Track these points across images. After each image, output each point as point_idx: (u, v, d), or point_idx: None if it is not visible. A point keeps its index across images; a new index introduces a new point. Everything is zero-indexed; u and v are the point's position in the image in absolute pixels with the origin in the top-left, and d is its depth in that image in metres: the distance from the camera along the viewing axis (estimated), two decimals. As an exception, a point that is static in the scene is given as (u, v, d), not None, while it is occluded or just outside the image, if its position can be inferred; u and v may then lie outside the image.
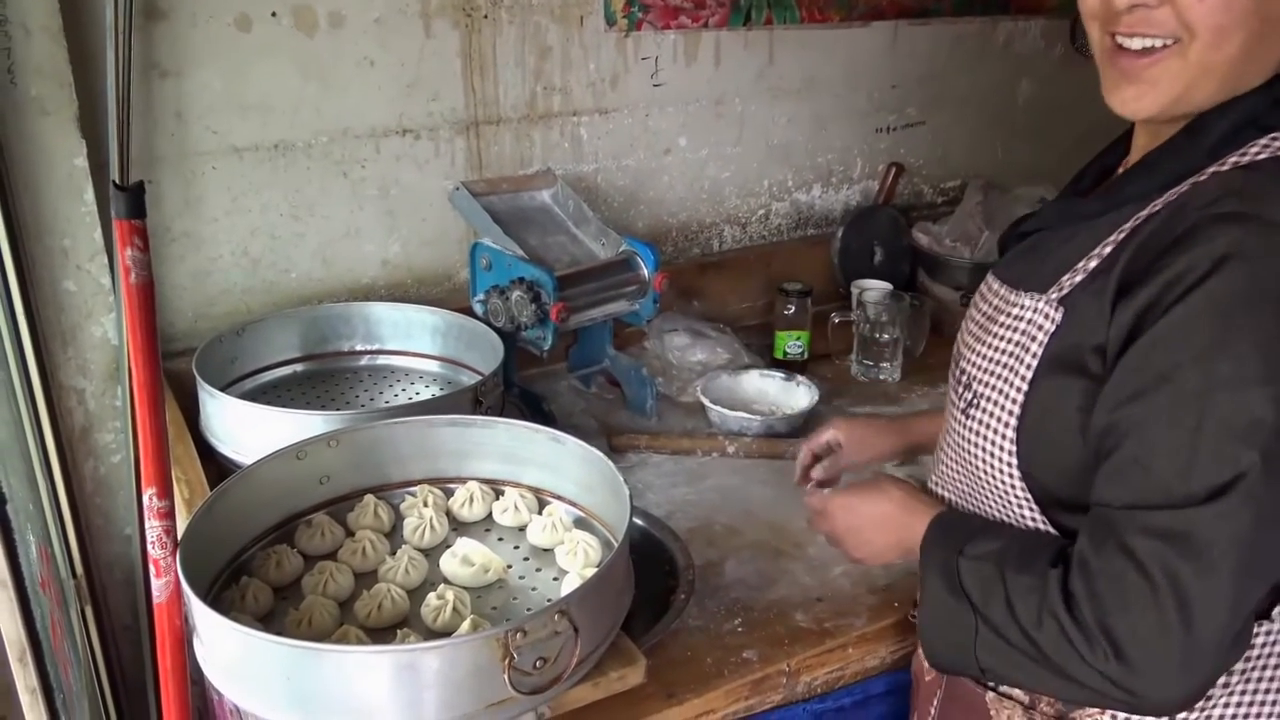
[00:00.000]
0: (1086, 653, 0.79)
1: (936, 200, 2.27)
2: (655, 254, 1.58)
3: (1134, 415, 0.80)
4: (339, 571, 1.06)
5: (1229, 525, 0.76)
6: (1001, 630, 0.84)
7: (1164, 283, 0.79)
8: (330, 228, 1.62)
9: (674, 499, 1.45)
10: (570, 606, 0.89)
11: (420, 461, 1.21)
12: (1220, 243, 0.77)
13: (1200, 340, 0.77)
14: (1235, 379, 0.76)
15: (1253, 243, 0.77)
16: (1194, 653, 0.77)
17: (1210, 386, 0.77)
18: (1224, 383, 0.76)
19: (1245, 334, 0.76)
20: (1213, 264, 0.77)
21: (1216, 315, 0.77)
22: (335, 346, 1.57)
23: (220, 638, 0.89)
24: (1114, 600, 0.78)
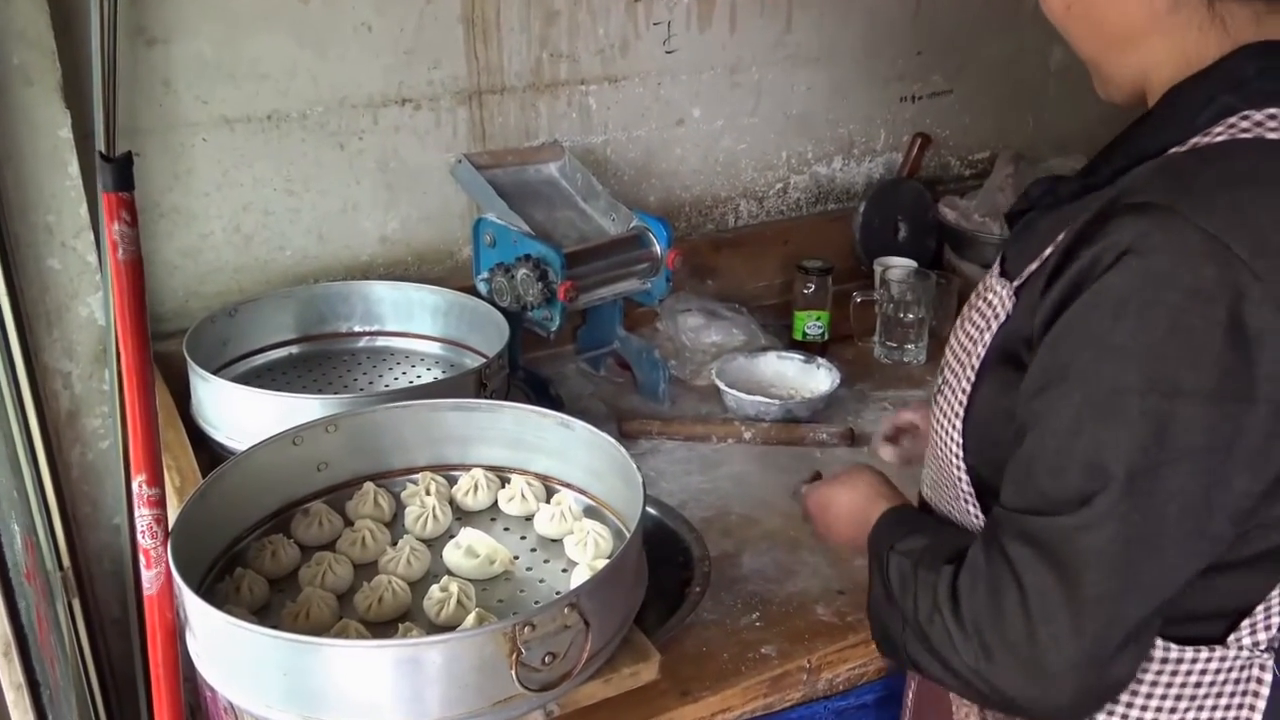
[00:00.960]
0: (964, 650, 0.82)
1: (964, 173, 2.25)
2: (668, 230, 1.57)
3: (1033, 411, 0.81)
4: (337, 563, 1.06)
5: (1092, 539, 0.77)
6: (910, 624, 0.88)
7: (1073, 274, 0.79)
8: (326, 203, 1.62)
9: (688, 487, 1.45)
10: (580, 599, 0.89)
11: (422, 447, 1.21)
12: (1126, 235, 0.76)
13: (1090, 339, 0.77)
14: (1113, 386, 0.76)
15: (1157, 238, 0.75)
16: (1057, 664, 0.78)
17: (1090, 391, 0.77)
18: (1102, 389, 0.76)
19: (1130, 337, 0.75)
20: (1114, 258, 0.76)
21: (1107, 314, 0.76)
22: (332, 327, 1.56)
23: (213, 631, 0.89)
24: (989, 603, 0.80)
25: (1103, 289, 0.77)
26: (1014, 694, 0.80)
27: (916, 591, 0.88)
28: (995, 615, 0.80)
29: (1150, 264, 0.75)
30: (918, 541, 0.93)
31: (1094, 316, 0.77)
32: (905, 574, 0.90)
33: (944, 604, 0.84)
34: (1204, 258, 0.74)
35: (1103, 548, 0.77)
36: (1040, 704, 0.80)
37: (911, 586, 0.89)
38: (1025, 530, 0.80)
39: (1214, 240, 0.74)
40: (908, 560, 0.91)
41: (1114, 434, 0.76)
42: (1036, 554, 0.79)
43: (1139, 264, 0.76)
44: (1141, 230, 0.76)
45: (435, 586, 1.01)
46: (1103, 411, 0.76)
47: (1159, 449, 0.75)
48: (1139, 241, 0.76)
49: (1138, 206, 0.77)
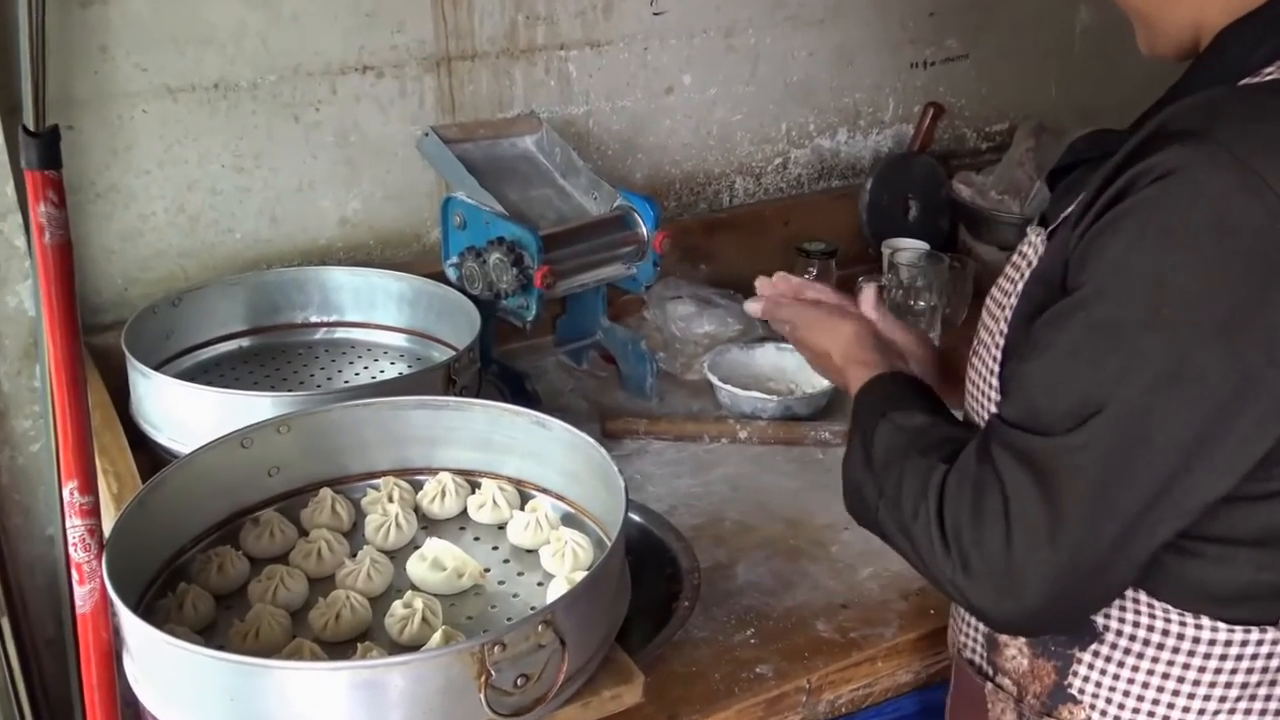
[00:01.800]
0: (940, 551, 0.86)
1: (981, 146, 2.25)
2: (655, 209, 1.57)
3: (1045, 325, 0.86)
4: (291, 576, 1.06)
5: (1077, 459, 0.81)
6: (889, 500, 0.92)
7: (1106, 201, 0.83)
8: (280, 181, 1.61)
9: (677, 492, 1.45)
10: (556, 615, 0.89)
11: (384, 450, 1.21)
12: (1159, 160, 0.79)
13: (1106, 263, 0.81)
14: (1120, 311, 0.80)
15: (1187, 163, 0.79)
16: (1030, 573, 0.82)
17: (1097, 314, 0.81)
18: (1109, 313, 0.80)
19: (1146, 263, 0.79)
20: (1146, 183, 0.80)
21: (1127, 237, 0.80)
22: (286, 318, 1.56)
23: (154, 653, 0.89)
24: (972, 507, 0.85)
25: (1126, 212, 0.80)
26: (985, 606, 0.85)
27: (903, 474, 0.91)
28: (975, 519, 0.84)
29: (1179, 188, 0.78)
30: (917, 419, 0.96)
31: (1114, 241, 0.80)
32: (895, 449, 0.94)
33: (931, 500, 0.88)
34: (1235, 187, 0.77)
35: (1085, 469, 0.81)
36: (1008, 613, 0.85)
37: (898, 466, 0.92)
38: (1015, 443, 0.84)
39: (1246, 169, 0.77)
40: (902, 436, 0.94)
41: (1113, 360, 0.80)
42: (1022, 467, 0.83)
43: (1167, 187, 0.78)
44: (1176, 155, 0.79)
45: (398, 603, 1.01)
46: (1105, 336, 0.80)
47: (1155, 381, 0.79)
48: (1172, 165, 0.78)
49: (1176, 134, 0.80)
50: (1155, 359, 0.79)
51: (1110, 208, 0.82)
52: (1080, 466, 0.81)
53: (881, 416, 0.97)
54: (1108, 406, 0.80)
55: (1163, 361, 0.79)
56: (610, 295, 1.70)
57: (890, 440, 0.95)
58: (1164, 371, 0.79)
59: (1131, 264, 0.79)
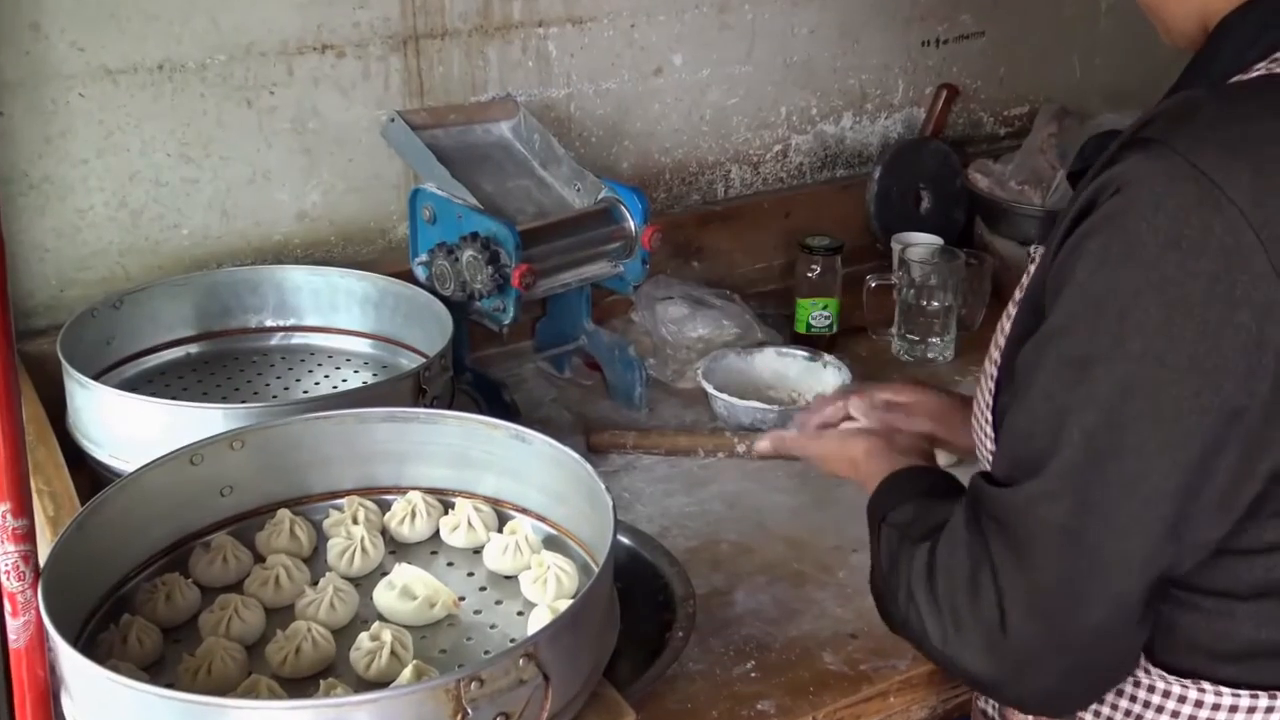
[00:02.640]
0: (933, 629, 0.88)
1: (998, 131, 2.26)
2: (644, 202, 1.58)
3: (1020, 368, 0.87)
4: (245, 607, 1.05)
5: (1044, 511, 0.82)
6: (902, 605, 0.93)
7: (1071, 217, 0.84)
8: (231, 171, 1.61)
9: (669, 511, 1.45)
10: (539, 648, 0.89)
11: (348, 467, 1.21)
12: (1117, 172, 0.81)
13: (1070, 290, 0.82)
14: (1085, 344, 0.81)
15: (1142, 176, 0.79)
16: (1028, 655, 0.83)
17: (1063, 349, 0.82)
18: (1074, 347, 0.81)
19: (1105, 288, 0.80)
20: (1107, 198, 0.81)
21: (1088, 261, 0.81)
22: (239, 322, 1.56)
23: (95, 692, 0.89)
24: (968, 581, 0.86)
25: (1089, 231, 0.81)
26: (1004, 690, 0.86)
27: (899, 570, 0.93)
28: (972, 595, 0.85)
29: (1133, 206, 0.79)
30: (907, 511, 0.98)
31: (1080, 264, 0.82)
32: (894, 551, 0.96)
33: (918, 585, 0.89)
34: (1194, 200, 0.77)
35: (1054, 521, 0.81)
36: (1026, 697, 0.86)
37: (897, 564, 0.94)
38: (994, 504, 0.85)
39: (1204, 180, 0.77)
40: (895, 534, 0.96)
41: (1077, 398, 0.81)
42: (998, 528, 0.84)
43: (1122, 206, 0.79)
44: (1132, 167, 0.80)
45: (364, 635, 1.01)
46: (1071, 371, 0.81)
47: (1120, 418, 0.79)
48: (1128, 179, 0.80)
49: (1136, 142, 0.81)
50: (1117, 396, 0.79)
51: (1077, 225, 0.83)
52: (1044, 519, 0.81)
53: (881, 522, 1.00)
54: (1063, 449, 0.81)
55: (1125, 399, 0.79)
56: (595, 296, 1.70)
57: (888, 544, 0.97)
58: (1128, 409, 0.79)
59: (1095, 291, 0.80)
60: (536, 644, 0.89)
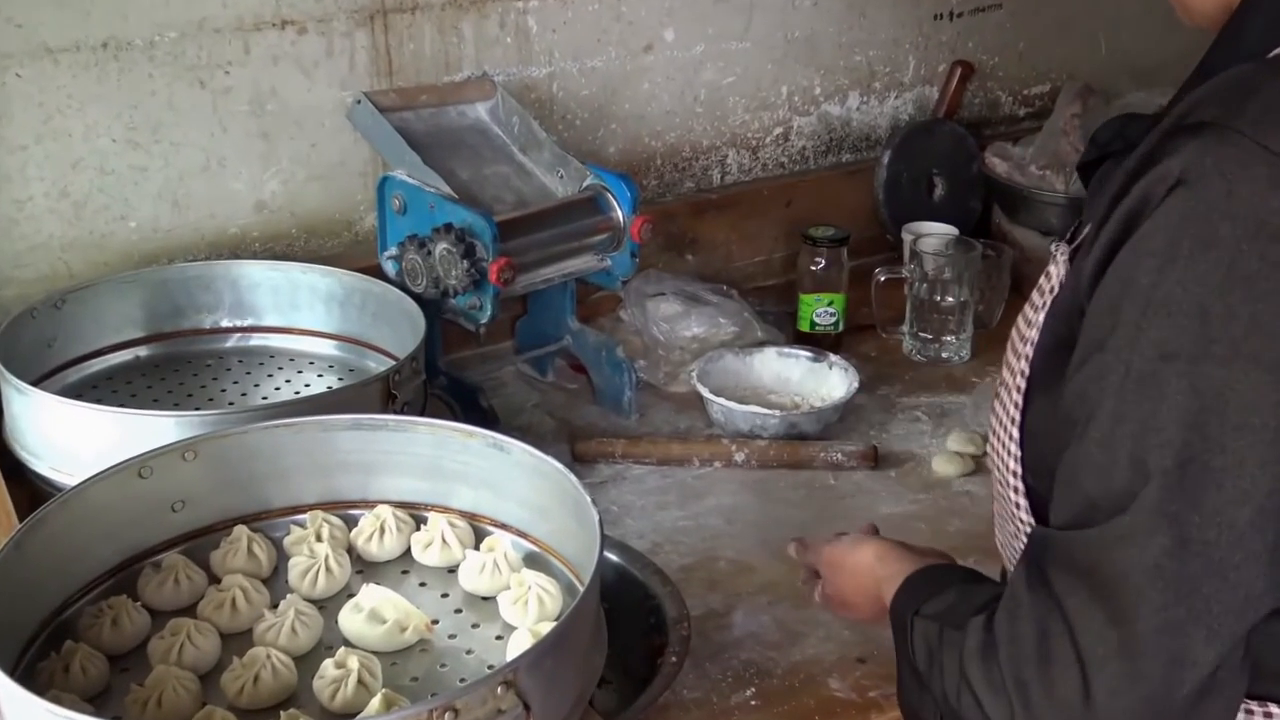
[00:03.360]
0: (996, 713, 0.82)
1: (1018, 112, 2.26)
2: (633, 190, 1.58)
3: (1075, 395, 0.84)
4: (199, 632, 1.05)
5: (1136, 553, 0.78)
6: (952, 698, 0.88)
7: (1120, 219, 0.82)
8: (183, 158, 1.61)
9: (662, 526, 1.45)
10: (519, 675, 0.89)
11: (311, 479, 1.21)
12: (1176, 163, 0.79)
13: (1133, 296, 0.80)
14: (1159, 353, 0.78)
15: (1210, 162, 0.78)
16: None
17: (1134, 362, 0.79)
18: (1147, 358, 0.79)
19: (1180, 288, 0.78)
20: (1164, 192, 0.79)
21: (1154, 262, 0.79)
22: (192, 322, 1.56)
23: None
24: (1037, 652, 0.81)
25: (1149, 231, 0.79)
26: None
27: (943, 662, 0.89)
28: (1043, 667, 0.80)
29: (1203, 195, 0.77)
30: (945, 599, 0.94)
31: (1139, 267, 0.80)
32: (931, 643, 0.91)
33: (972, 663, 0.85)
34: (1268, 183, 0.77)
35: (1151, 564, 0.77)
36: None
37: (939, 657, 0.90)
38: (1068, 553, 0.81)
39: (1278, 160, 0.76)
40: (933, 626, 0.92)
41: (1158, 415, 0.77)
42: (1079, 581, 0.80)
43: (1190, 197, 0.78)
44: (1194, 155, 0.78)
45: (329, 662, 1.01)
46: (1147, 387, 0.78)
47: (1214, 431, 0.76)
48: (1191, 168, 0.78)
49: (1190, 128, 0.80)
50: (1206, 408, 0.76)
51: (1127, 228, 0.81)
52: (1141, 563, 0.77)
53: (914, 615, 0.95)
54: (1149, 477, 0.77)
55: (1215, 410, 0.76)
56: (580, 292, 1.70)
57: (925, 640, 0.93)
58: (1221, 422, 0.76)
59: (1165, 294, 0.78)
60: (516, 670, 0.89)
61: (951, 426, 1.64)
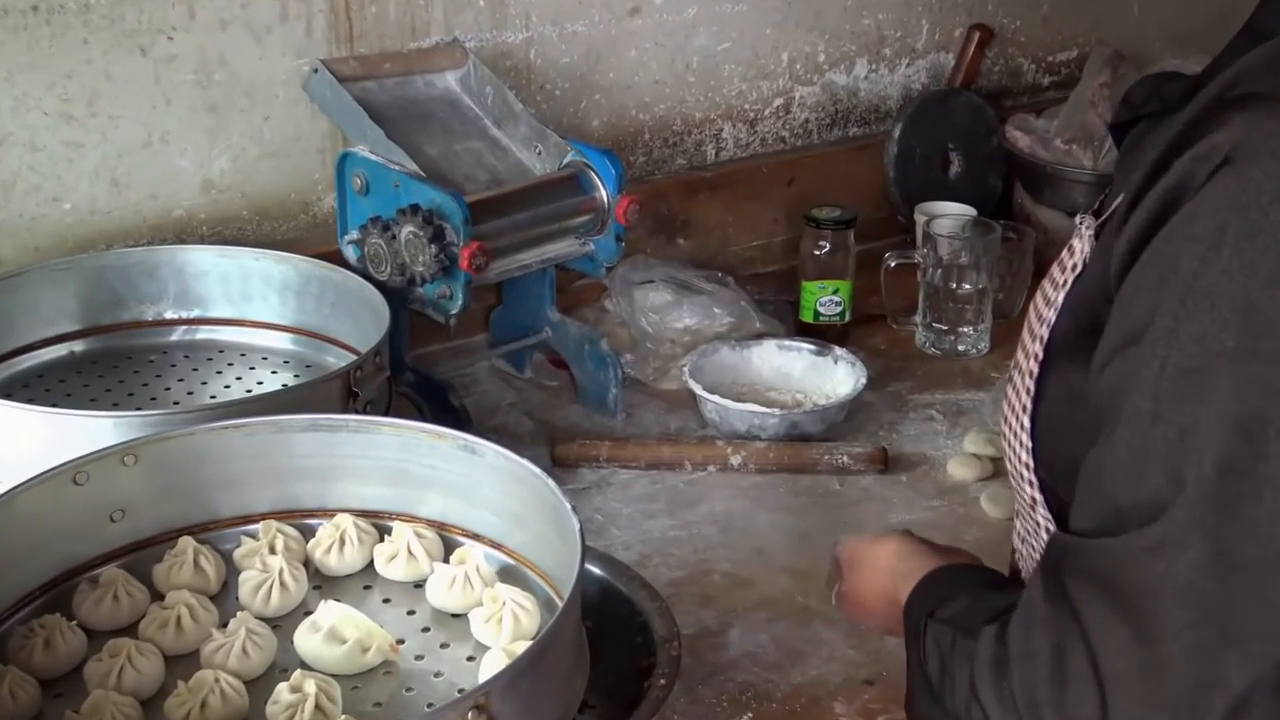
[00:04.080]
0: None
1: (1042, 81, 2.27)
2: (618, 167, 1.58)
3: (1104, 389, 0.84)
4: (141, 653, 1.05)
5: (1167, 566, 0.77)
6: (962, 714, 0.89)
7: (1158, 196, 0.81)
8: (122, 133, 1.61)
9: (650, 536, 1.45)
10: (491, 699, 0.89)
11: (264, 486, 1.20)
12: (1223, 139, 0.78)
13: (1173, 284, 0.79)
14: (1201, 348, 0.77)
15: (1260, 140, 0.77)
16: None
17: (1172, 357, 0.78)
18: (1187, 352, 0.78)
19: (1225, 277, 0.77)
20: (1208, 171, 0.78)
21: (1197, 247, 0.78)
22: (133, 313, 1.56)
23: (-41, 757, 0.89)
24: (1051, 668, 0.81)
25: (1192, 214, 0.79)
26: None
27: (955, 672, 0.90)
28: (1057, 685, 0.81)
29: (1252, 176, 0.77)
30: (960, 603, 0.95)
31: (1180, 252, 0.79)
32: (944, 650, 0.92)
33: (983, 677, 0.85)
34: None
35: (1183, 579, 0.77)
36: None
37: (951, 666, 0.91)
38: (1091, 561, 0.81)
39: None
40: (946, 631, 0.93)
41: (1197, 417, 0.77)
42: (1100, 593, 0.80)
43: (1238, 177, 0.77)
44: (1243, 131, 0.78)
45: (283, 686, 1.01)
46: (1186, 384, 0.78)
47: (1258, 437, 0.76)
48: (1240, 146, 0.78)
49: (1240, 100, 0.79)
50: (1252, 409, 0.76)
51: (1166, 209, 0.80)
52: (1171, 577, 0.77)
53: (928, 618, 0.96)
54: (1186, 484, 0.77)
55: (1262, 413, 0.76)
56: (560, 280, 1.70)
57: (936, 644, 0.94)
58: (1268, 424, 0.76)
59: (1209, 286, 0.77)
60: (489, 694, 0.89)
61: (969, 426, 1.65)
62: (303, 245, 1.62)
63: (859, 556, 1.15)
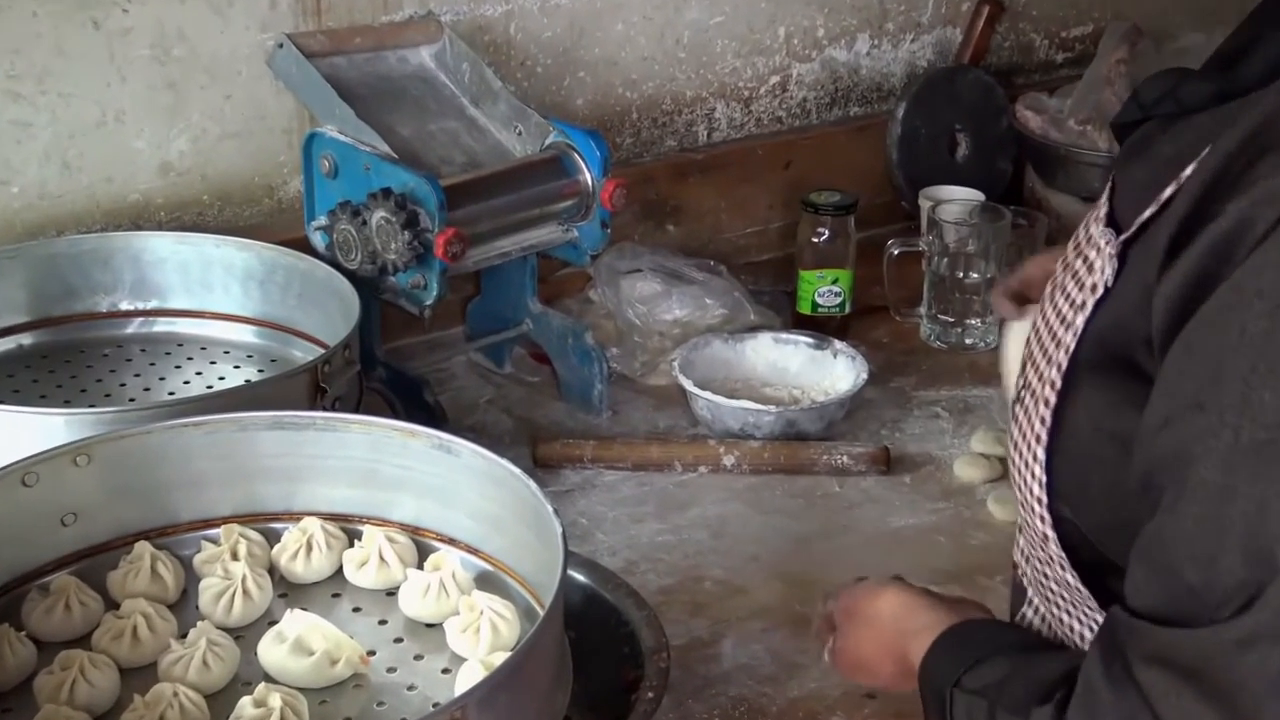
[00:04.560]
0: None
1: (1055, 57, 2.27)
2: (603, 148, 1.58)
3: (1160, 458, 0.81)
4: (95, 666, 1.05)
5: (1260, 660, 0.76)
6: None
7: (1212, 242, 0.79)
8: (74, 113, 1.60)
9: (638, 541, 1.46)
10: (468, 713, 0.89)
11: (226, 488, 1.20)
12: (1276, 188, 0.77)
13: (1241, 348, 0.77)
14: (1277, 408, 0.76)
15: None
16: None
17: (1245, 429, 0.76)
18: (1265, 424, 0.76)
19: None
20: (1270, 222, 0.76)
21: (1266, 307, 0.76)
22: (86, 304, 1.55)
23: (-100, 776, 0.89)
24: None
25: (1258, 268, 0.76)
26: None
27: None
28: None
29: None
30: (995, 671, 0.93)
31: (1245, 311, 0.77)
32: None
33: None
34: None
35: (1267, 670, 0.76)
36: None
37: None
38: (1163, 648, 0.80)
39: None
40: (981, 703, 0.91)
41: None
42: (1183, 684, 0.78)
43: None
44: None
45: (247, 700, 1.00)
46: (1265, 462, 0.76)
47: None
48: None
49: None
50: None
51: (1222, 258, 0.78)
52: (1260, 665, 0.76)
53: (954, 687, 0.95)
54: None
55: None
56: (542, 269, 1.71)
57: (969, 715, 0.93)
58: None
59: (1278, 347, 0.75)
60: (465, 708, 0.89)
61: (976, 424, 1.65)
62: (267, 232, 1.62)
63: (856, 611, 1.13)
